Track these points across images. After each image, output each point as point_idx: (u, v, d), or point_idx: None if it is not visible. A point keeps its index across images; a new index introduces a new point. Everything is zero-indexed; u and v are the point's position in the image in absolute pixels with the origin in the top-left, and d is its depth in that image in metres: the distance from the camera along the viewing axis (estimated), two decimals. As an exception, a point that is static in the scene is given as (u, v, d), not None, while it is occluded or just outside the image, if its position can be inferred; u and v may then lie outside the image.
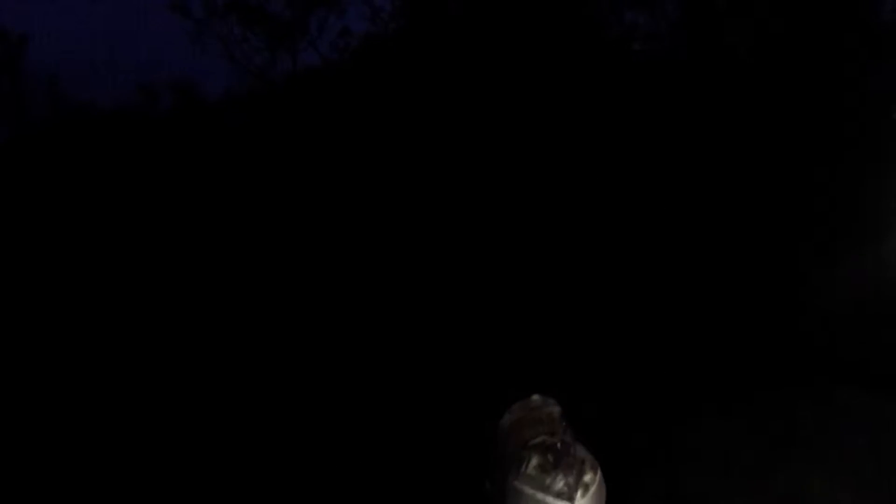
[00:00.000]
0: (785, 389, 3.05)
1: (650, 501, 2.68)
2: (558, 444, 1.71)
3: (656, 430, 2.14)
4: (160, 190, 8.46)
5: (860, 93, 3.92)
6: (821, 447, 2.77)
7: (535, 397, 1.96)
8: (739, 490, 2.67)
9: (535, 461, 1.67)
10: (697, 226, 3.51)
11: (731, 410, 3.04)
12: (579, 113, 4.39)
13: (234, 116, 10.66)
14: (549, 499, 1.61)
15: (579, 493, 1.61)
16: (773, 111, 4.09)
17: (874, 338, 2.91)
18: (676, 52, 5.73)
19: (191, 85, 15.73)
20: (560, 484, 1.62)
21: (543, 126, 4.48)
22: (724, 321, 3.19)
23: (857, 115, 3.63)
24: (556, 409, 1.94)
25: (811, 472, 2.67)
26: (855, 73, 4.11)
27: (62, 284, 5.45)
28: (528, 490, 1.63)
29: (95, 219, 7.86)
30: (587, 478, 1.64)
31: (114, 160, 10.68)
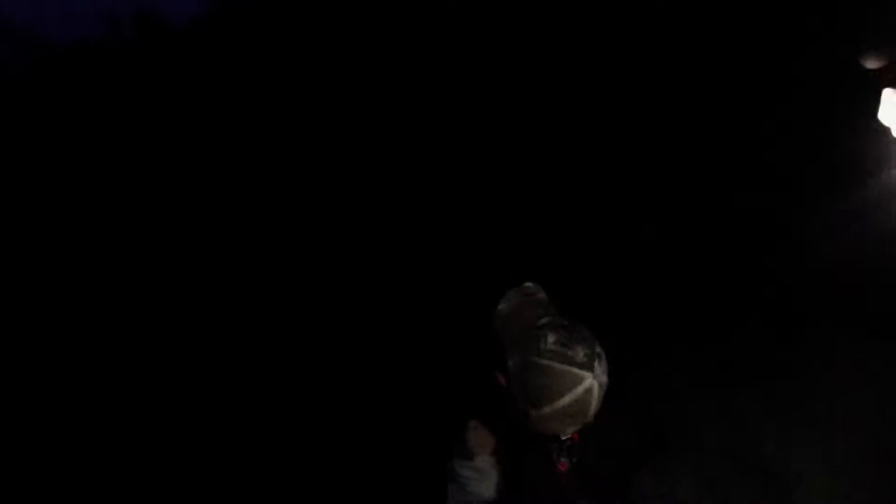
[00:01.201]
0: (756, 331, 3.07)
1: (620, 422, 2.77)
2: (566, 322, 1.83)
3: (627, 361, 2.21)
4: (133, 124, 8.23)
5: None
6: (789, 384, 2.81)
7: (528, 284, 2.05)
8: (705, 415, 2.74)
9: (551, 338, 1.79)
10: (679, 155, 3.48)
11: (702, 347, 3.09)
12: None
13: (202, 44, 10.30)
14: (574, 369, 1.74)
15: (597, 363, 1.75)
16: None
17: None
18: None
19: (154, 13, 15.16)
20: (581, 355, 1.75)
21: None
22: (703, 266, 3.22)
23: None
24: (544, 295, 2.03)
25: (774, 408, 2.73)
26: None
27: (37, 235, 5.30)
28: (554, 364, 1.74)
29: (65, 162, 7.62)
30: (598, 349, 1.78)
31: (81, 96, 10.35)
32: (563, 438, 2.00)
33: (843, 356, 2.83)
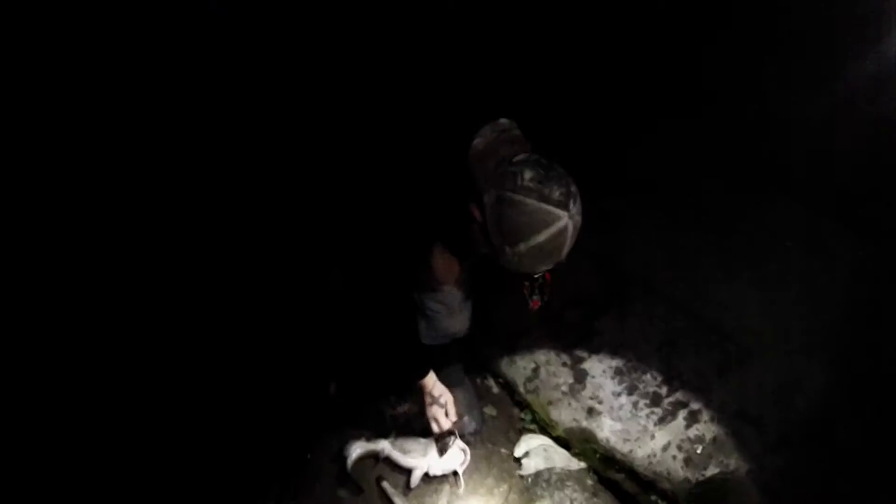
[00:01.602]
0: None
1: (587, 269, 2.82)
2: (542, 160, 1.79)
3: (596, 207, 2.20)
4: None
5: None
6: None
7: (503, 120, 2.00)
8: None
9: (528, 174, 1.75)
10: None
11: (671, 205, 3.09)
12: None
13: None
14: (550, 207, 1.72)
15: (572, 202, 1.74)
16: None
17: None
18: None
19: None
20: (557, 193, 1.73)
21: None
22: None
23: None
24: (519, 132, 1.99)
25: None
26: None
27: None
28: (530, 201, 1.72)
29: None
30: (573, 188, 1.76)
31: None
32: (536, 276, 2.02)
33: (800, 231, 2.91)
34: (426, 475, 2.48)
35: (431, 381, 2.42)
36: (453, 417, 2.45)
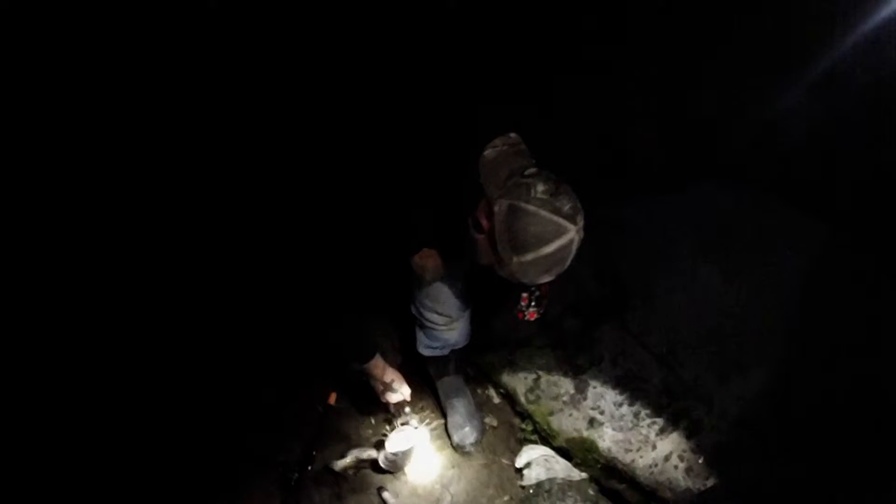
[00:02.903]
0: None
1: (587, 276, 2.82)
2: (551, 174, 1.84)
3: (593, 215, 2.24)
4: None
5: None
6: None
7: (513, 134, 2.04)
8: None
9: (541, 187, 1.81)
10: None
11: (663, 211, 3.09)
12: None
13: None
14: (560, 220, 1.77)
15: (579, 216, 1.79)
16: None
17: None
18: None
19: None
20: (567, 207, 1.79)
21: None
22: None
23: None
24: (524, 146, 2.03)
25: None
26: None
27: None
28: (543, 212, 1.77)
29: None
30: (579, 204, 1.81)
31: None
32: (533, 288, 2.05)
33: (772, 226, 2.89)
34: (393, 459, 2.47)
35: (381, 366, 2.41)
36: (406, 393, 2.46)
